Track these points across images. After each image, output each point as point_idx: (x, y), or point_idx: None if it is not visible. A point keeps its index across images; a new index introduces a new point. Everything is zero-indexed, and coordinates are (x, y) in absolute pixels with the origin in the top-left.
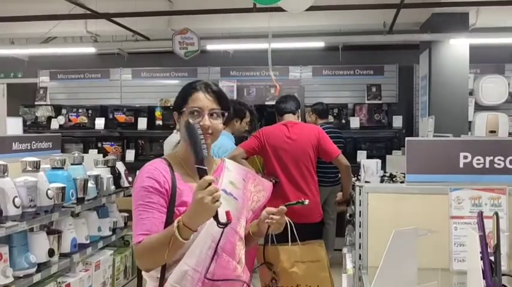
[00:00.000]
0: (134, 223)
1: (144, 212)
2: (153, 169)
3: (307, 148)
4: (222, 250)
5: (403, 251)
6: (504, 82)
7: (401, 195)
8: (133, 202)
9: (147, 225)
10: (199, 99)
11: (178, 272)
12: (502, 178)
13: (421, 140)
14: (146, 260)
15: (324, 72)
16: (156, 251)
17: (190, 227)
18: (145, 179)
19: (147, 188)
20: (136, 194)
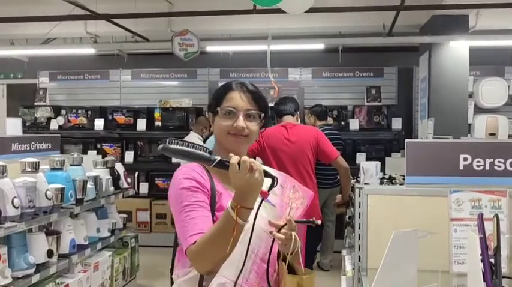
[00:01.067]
0: (181, 226)
1: (193, 211)
2: (190, 170)
3: (306, 150)
4: (261, 260)
5: (403, 253)
6: (504, 85)
7: (401, 197)
8: (175, 207)
9: (200, 224)
10: (234, 99)
11: (216, 285)
12: (502, 180)
13: (421, 142)
14: (206, 260)
15: (323, 74)
16: (216, 246)
17: (246, 206)
18: (183, 181)
19: (189, 188)
20: (177, 197)
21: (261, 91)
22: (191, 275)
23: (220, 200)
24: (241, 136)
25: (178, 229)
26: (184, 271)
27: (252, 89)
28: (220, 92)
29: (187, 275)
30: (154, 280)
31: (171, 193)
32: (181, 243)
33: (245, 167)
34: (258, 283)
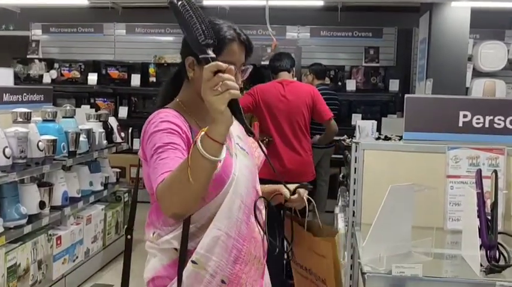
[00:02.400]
0: (153, 168)
1: (165, 152)
2: (169, 115)
3: (302, 108)
4: (249, 211)
5: (398, 207)
6: (503, 48)
7: (398, 153)
8: (148, 150)
9: (170, 164)
10: (234, 52)
11: (209, 238)
12: (501, 138)
13: (420, 97)
14: (170, 198)
15: (321, 33)
16: (179, 182)
17: (211, 136)
18: (161, 124)
19: (165, 130)
20: (151, 140)
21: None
22: (177, 232)
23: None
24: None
25: (151, 174)
26: (167, 229)
27: (248, 40)
28: (218, 40)
29: (171, 233)
30: None
31: (145, 136)
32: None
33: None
34: (249, 235)
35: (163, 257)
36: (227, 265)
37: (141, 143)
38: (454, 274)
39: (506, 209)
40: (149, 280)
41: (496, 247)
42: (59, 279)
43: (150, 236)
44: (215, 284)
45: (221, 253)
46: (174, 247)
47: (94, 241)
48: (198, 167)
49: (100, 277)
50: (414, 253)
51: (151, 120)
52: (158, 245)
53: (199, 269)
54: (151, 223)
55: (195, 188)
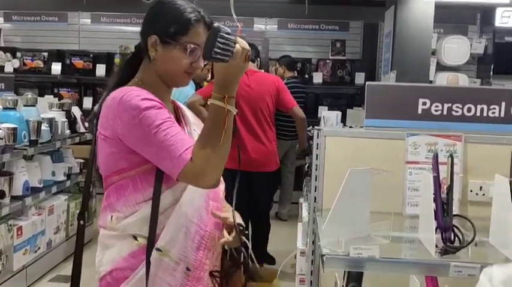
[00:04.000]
0: (164, 147)
1: (172, 128)
2: (143, 92)
3: (266, 97)
4: (208, 197)
5: (357, 191)
6: (466, 43)
7: (359, 139)
8: (145, 130)
9: (187, 139)
10: (199, 34)
11: (173, 225)
12: (459, 125)
13: (381, 85)
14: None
15: (289, 26)
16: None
17: (232, 95)
18: (142, 102)
19: (154, 107)
20: (143, 120)
21: None
22: (140, 215)
23: None
24: (192, 74)
25: (160, 152)
26: (127, 211)
27: (212, 22)
28: (183, 21)
29: (133, 215)
30: None
31: (126, 118)
32: (169, 167)
33: (244, 55)
34: (211, 220)
35: (122, 247)
36: (191, 251)
37: (107, 122)
38: (410, 255)
39: (463, 195)
40: (106, 273)
41: (451, 229)
42: (19, 270)
43: (107, 221)
44: (180, 272)
45: (185, 239)
46: (133, 234)
47: (57, 232)
48: (229, 128)
49: (63, 268)
50: (373, 236)
51: (124, 98)
52: (117, 231)
53: (163, 257)
54: (108, 205)
55: (228, 146)
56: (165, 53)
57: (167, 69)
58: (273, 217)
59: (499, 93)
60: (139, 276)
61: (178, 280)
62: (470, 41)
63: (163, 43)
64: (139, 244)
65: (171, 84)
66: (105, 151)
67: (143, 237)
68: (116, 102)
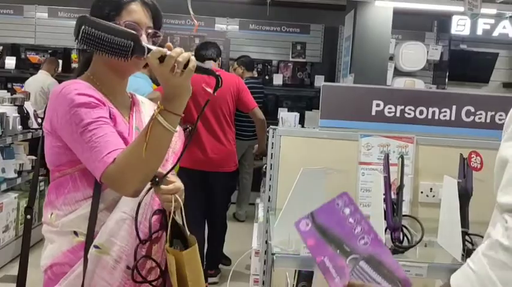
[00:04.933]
0: (89, 148)
1: (100, 128)
2: (83, 86)
3: (227, 97)
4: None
5: (310, 190)
6: (423, 49)
7: (313, 139)
8: (73, 128)
9: (113, 141)
10: (136, 12)
11: (113, 222)
12: (411, 127)
13: (336, 86)
14: (132, 176)
15: (250, 27)
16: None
17: (173, 111)
18: (77, 97)
19: (87, 104)
20: (73, 116)
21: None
22: (79, 213)
23: (116, 125)
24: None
25: (85, 153)
26: (67, 209)
27: (153, 3)
28: (115, 1)
29: (72, 213)
30: None
31: (61, 112)
32: (93, 169)
33: (167, 65)
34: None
35: (62, 243)
36: (132, 249)
37: (47, 114)
38: None
39: (414, 196)
40: (47, 267)
41: (401, 229)
42: None
43: (48, 217)
44: (120, 270)
45: (126, 237)
46: (73, 230)
47: (5, 231)
48: (161, 140)
49: (11, 268)
50: None
51: (63, 91)
52: (56, 227)
53: (102, 254)
54: (49, 202)
55: (156, 160)
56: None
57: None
58: (231, 218)
59: (450, 97)
60: (77, 273)
61: (118, 278)
62: (427, 48)
63: None
64: (80, 240)
65: (121, 72)
66: (48, 144)
67: (83, 234)
68: (55, 95)
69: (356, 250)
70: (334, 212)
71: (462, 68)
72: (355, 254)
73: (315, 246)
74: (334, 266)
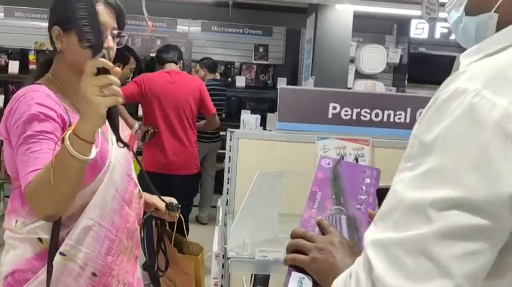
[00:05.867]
0: (21, 161)
1: (37, 144)
2: (44, 96)
3: (190, 98)
4: (123, 201)
5: (265, 193)
6: (383, 52)
7: (271, 142)
8: (14, 134)
9: (43, 159)
10: (100, 13)
11: (80, 229)
12: (367, 130)
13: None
14: (42, 201)
15: (212, 28)
16: (47, 183)
17: (80, 135)
18: (34, 106)
19: (37, 115)
20: (20, 124)
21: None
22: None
23: None
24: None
25: (18, 164)
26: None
27: (116, 4)
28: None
29: (38, 221)
30: None
31: (13, 119)
32: (20, 181)
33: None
34: (123, 225)
35: (26, 249)
36: (99, 256)
37: (3, 120)
38: None
39: None
40: (8, 273)
41: None
42: None
43: (12, 225)
44: (85, 277)
45: (92, 243)
46: (38, 237)
47: None
48: (68, 167)
49: None
50: (280, 238)
51: (19, 98)
52: (21, 234)
53: (67, 261)
54: (13, 210)
55: (66, 188)
56: (70, 41)
57: (76, 57)
58: (193, 221)
59: (405, 99)
60: (40, 279)
61: (83, 285)
62: (387, 51)
63: (65, 31)
64: (44, 246)
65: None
66: (7, 152)
67: (48, 241)
68: (15, 100)
69: (347, 207)
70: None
71: (421, 70)
72: (343, 208)
73: (319, 180)
74: (320, 202)
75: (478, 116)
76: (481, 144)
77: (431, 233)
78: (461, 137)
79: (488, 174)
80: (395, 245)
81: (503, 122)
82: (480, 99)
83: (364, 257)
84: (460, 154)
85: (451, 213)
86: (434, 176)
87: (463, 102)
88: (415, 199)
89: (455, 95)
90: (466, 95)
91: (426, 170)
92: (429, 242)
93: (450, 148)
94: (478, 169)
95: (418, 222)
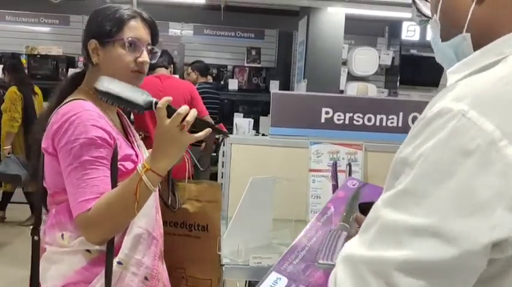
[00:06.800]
0: (76, 185)
1: (94, 170)
2: (97, 116)
3: (181, 103)
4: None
5: (258, 199)
6: (375, 54)
7: (264, 147)
8: (68, 159)
9: (100, 187)
10: (137, 28)
11: (132, 237)
12: (359, 134)
13: (285, 93)
14: (105, 228)
15: (205, 31)
16: (119, 212)
17: (158, 172)
18: (90, 129)
19: (94, 140)
20: (76, 147)
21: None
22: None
23: (122, 149)
24: (141, 73)
25: (70, 186)
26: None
27: (151, 20)
28: (117, 18)
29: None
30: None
31: (67, 140)
32: (71, 206)
33: (175, 119)
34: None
35: (74, 262)
36: (148, 261)
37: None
38: None
39: None
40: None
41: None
42: None
43: (57, 239)
44: (137, 282)
45: (143, 250)
46: (86, 249)
47: None
48: (142, 200)
49: None
50: (274, 244)
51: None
52: (72, 247)
53: (123, 269)
54: (57, 224)
55: (130, 217)
56: (107, 54)
57: (113, 71)
58: None
59: (397, 104)
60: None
61: None
62: (379, 53)
63: (102, 45)
64: (93, 256)
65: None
66: (54, 167)
67: (97, 250)
68: (63, 118)
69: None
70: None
71: (413, 72)
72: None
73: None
74: (328, 217)
75: (462, 143)
76: (463, 173)
77: (396, 260)
78: (444, 162)
79: (467, 207)
80: (363, 263)
81: (488, 151)
82: (466, 123)
83: (334, 270)
84: (441, 180)
85: (422, 241)
86: (412, 198)
87: (448, 124)
88: (390, 219)
89: (440, 115)
90: (452, 116)
91: (405, 190)
92: (393, 268)
93: (431, 171)
94: (457, 200)
95: (388, 244)
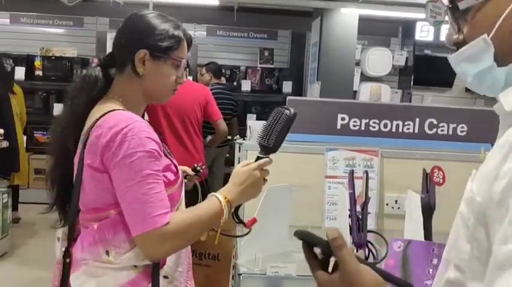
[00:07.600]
0: (143, 201)
1: (157, 184)
2: (148, 127)
3: (195, 106)
4: None
5: (276, 208)
6: (389, 55)
7: (280, 153)
8: (130, 174)
9: (166, 201)
10: (185, 49)
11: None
12: (375, 140)
13: (301, 100)
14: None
15: (218, 33)
16: (195, 232)
17: (233, 205)
18: (146, 141)
19: (152, 153)
20: (136, 161)
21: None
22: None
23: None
24: (175, 92)
25: (134, 203)
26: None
27: (191, 40)
28: (176, 36)
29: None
30: (30, 237)
31: (123, 155)
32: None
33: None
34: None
35: (120, 276)
36: (185, 273)
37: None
38: None
39: (379, 208)
40: None
41: (366, 245)
42: None
43: (101, 256)
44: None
45: (181, 262)
46: (134, 265)
47: None
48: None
49: None
50: (291, 252)
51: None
52: (118, 264)
53: (169, 284)
54: (101, 240)
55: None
56: (155, 69)
57: (156, 85)
58: None
59: (413, 110)
60: None
61: None
62: (393, 53)
63: (153, 58)
64: (139, 271)
65: (153, 100)
66: (100, 183)
67: (143, 265)
68: (112, 132)
69: None
70: (426, 254)
71: (426, 72)
72: None
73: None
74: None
75: None
76: None
77: None
78: None
79: None
80: None
81: None
82: None
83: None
84: None
85: None
86: None
87: None
88: None
89: None
90: None
91: None
92: None
93: None
94: None
95: None
